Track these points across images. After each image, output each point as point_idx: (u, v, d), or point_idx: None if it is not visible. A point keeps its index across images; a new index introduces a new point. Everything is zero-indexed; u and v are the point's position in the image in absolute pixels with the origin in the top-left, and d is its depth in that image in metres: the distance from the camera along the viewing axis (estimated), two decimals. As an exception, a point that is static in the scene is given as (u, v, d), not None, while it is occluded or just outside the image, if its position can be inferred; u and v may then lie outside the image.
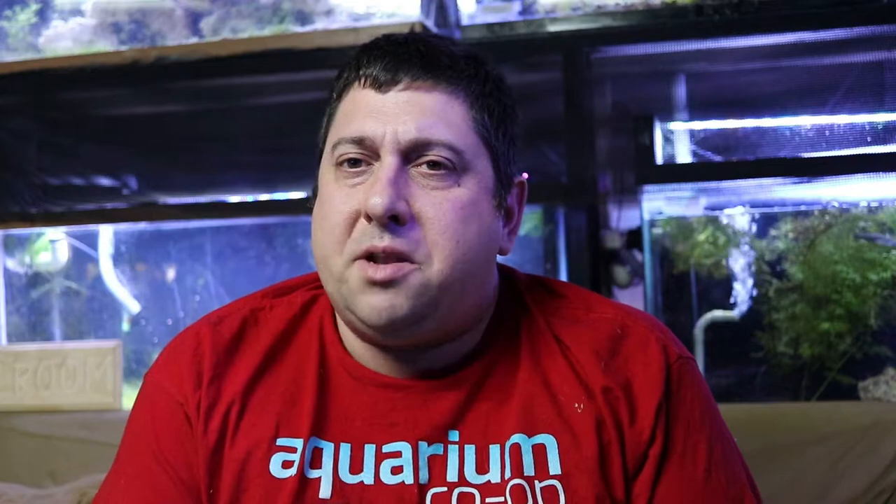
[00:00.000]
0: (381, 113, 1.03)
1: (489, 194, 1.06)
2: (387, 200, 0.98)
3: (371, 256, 1.00)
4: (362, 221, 1.01)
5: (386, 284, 1.00)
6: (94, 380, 2.39)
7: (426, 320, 1.02)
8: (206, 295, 2.75)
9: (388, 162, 1.01)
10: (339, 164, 1.04)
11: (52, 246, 2.75)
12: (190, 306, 2.74)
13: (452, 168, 1.02)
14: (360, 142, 1.02)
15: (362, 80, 1.05)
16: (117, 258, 2.75)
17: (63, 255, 2.77)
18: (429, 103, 1.03)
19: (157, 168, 2.74)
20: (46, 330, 2.79)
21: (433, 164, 1.02)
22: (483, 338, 1.09)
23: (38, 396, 2.41)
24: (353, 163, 1.03)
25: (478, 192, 1.04)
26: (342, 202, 1.02)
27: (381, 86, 1.03)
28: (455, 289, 1.02)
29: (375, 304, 1.00)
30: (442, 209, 1.01)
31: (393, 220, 0.99)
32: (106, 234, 2.72)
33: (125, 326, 2.78)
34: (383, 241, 0.99)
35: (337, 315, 1.10)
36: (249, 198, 2.65)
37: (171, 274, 2.80)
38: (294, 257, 2.73)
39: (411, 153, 1.02)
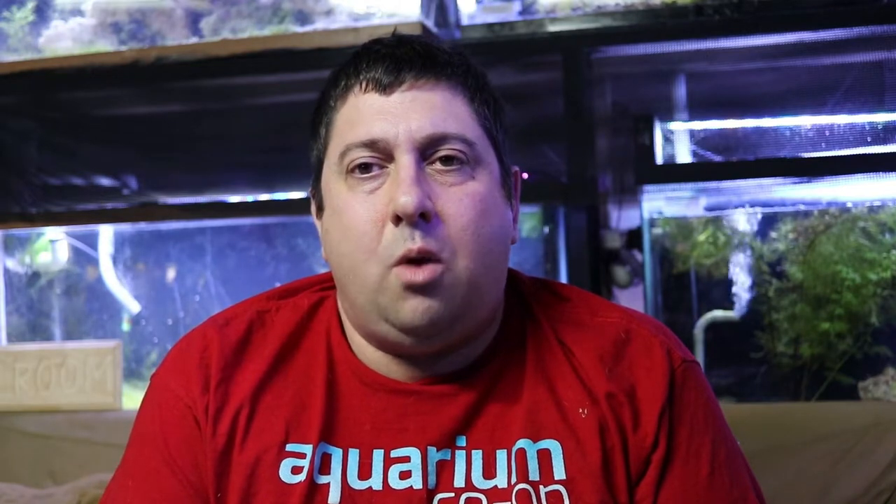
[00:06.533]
0: (389, 113, 1.02)
1: (499, 185, 1.07)
2: (416, 199, 0.98)
3: (405, 260, 0.99)
4: (389, 226, 1.00)
5: (425, 288, 0.99)
6: (94, 380, 2.39)
7: (458, 321, 1.02)
8: (206, 295, 2.75)
9: (406, 160, 1.01)
10: (350, 171, 1.03)
11: (52, 246, 2.75)
12: (190, 306, 2.74)
13: (466, 162, 1.03)
14: (371, 144, 1.02)
15: (363, 85, 1.04)
16: (117, 258, 2.75)
17: (63, 255, 2.77)
18: (435, 100, 1.03)
19: (157, 168, 2.74)
20: (46, 330, 2.79)
21: (447, 160, 1.02)
22: (491, 342, 1.09)
23: (38, 396, 2.41)
24: (365, 168, 1.02)
25: (490, 184, 1.05)
26: (364, 210, 1.01)
27: (384, 88, 1.03)
28: (481, 284, 1.03)
29: (417, 307, 0.99)
30: (462, 205, 1.01)
31: (422, 218, 0.99)
32: (106, 234, 2.72)
33: (125, 326, 2.78)
34: (416, 243, 0.99)
35: (347, 321, 1.10)
36: (249, 198, 2.65)
37: (171, 274, 2.80)
38: (294, 257, 2.73)
39: (426, 149, 1.02)
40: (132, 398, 2.42)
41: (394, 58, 1.04)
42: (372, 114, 1.03)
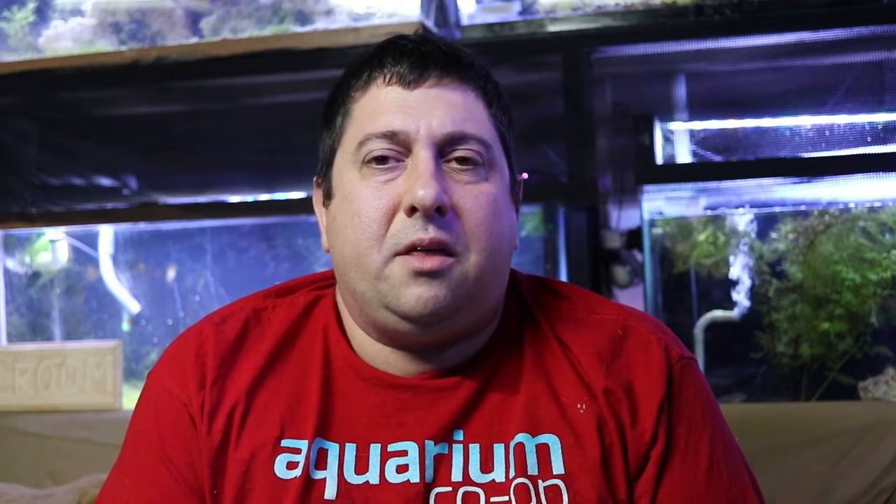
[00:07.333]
0: (412, 108, 1.03)
1: (508, 190, 1.08)
2: (434, 192, 0.99)
3: (413, 250, 1.00)
4: (401, 216, 1.01)
5: (432, 275, 1.00)
6: (94, 380, 2.39)
7: (460, 313, 1.03)
8: (206, 295, 2.75)
9: (425, 155, 1.02)
10: (367, 161, 1.04)
11: (52, 246, 2.75)
12: (190, 306, 2.74)
13: (481, 163, 1.04)
14: (391, 136, 1.02)
15: (387, 77, 1.05)
16: (117, 258, 2.75)
17: (63, 255, 2.77)
18: (457, 99, 1.05)
19: (157, 168, 2.75)
20: (46, 330, 2.79)
21: (464, 160, 1.03)
22: (489, 339, 1.09)
23: (38, 396, 2.41)
24: (382, 159, 1.03)
25: (501, 187, 1.06)
26: (376, 199, 1.02)
27: (409, 83, 1.04)
28: (487, 281, 1.04)
29: (421, 295, 1.00)
30: (478, 202, 1.03)
31: (437, 213, 1.00)
32: (106, 234, 2.72)
33: (125, 326, 2.78)
34: (428, 234, 1.00)
35: (346, 316, 1.10)
36: (249, 198, 2.65)
37: (171, 274, 2.80)
38: (294, 257, 2.73)
39: (445, 147, 1.03)
40: (132, 398, 2.42)
41: (420, 54, 1.05)
42: (394, 107, 1.04)
